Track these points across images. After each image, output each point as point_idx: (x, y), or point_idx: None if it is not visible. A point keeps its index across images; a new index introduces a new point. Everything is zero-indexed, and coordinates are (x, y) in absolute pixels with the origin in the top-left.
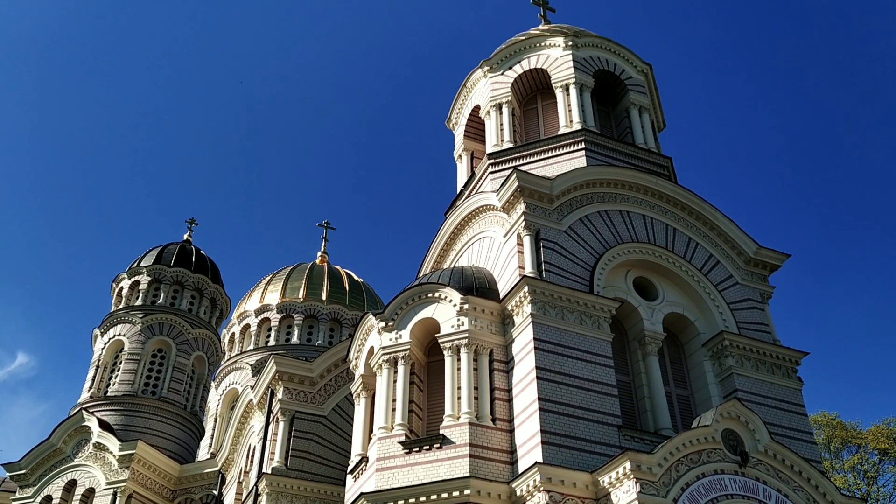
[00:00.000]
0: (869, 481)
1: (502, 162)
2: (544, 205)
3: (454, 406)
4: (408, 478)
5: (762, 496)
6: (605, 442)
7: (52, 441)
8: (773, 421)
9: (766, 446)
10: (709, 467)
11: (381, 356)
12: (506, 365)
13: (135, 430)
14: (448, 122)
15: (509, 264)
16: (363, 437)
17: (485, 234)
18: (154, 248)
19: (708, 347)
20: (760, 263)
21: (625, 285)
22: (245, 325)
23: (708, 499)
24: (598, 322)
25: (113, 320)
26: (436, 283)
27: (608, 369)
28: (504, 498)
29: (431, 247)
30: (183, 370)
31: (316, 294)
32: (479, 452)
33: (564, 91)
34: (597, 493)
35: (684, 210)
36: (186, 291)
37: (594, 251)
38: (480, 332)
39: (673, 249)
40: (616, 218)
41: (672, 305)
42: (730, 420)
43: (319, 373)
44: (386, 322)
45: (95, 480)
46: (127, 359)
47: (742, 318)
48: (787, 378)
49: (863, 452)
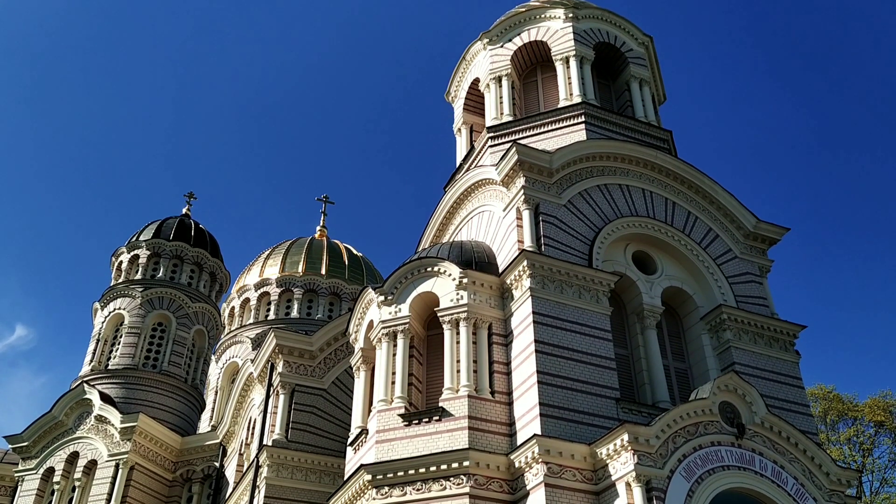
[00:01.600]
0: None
1: (502, 135)
2: (544, 179)
3: (453, 379)
4: (407, 449)
5: (758, 467)
6: (603, 414)
7: (53, 414)
8: (770, 394)
9: (763, 418)
10: (706, 439)
11: (381, 330)
12: (504, 338)
13: (136, 402)
14: (447, 95)
15: (508, 238)
16: (363, 409)
17: (484, 209)
18: (153, 223)
19: (706, 321)
20: (759, 237)
21: (624, 259)
22: (245, 299)
23: (704, 470)
24: (596, 296)
25: (113, 294)
26: (435, 257)
27: (607, 343)
28: (503, 469)
29: (430, 221)
30: (183, 344)
31: (315, 268)
32: (478, 425)
33: (564, 64)
34: (595, 464)
35: (684, 184)
36: (186, 265)
37: (593, 225)
38: (479, 306)
39: (672, 223)
40: (615, 192)
41: (671, 279)
42: (727, 393)
43: (319, 346)
44: (385, 296)
45: (97, 452)
46: (127, 332)
47: (740, 291)
48: (784, 351)
49: (859, 425)
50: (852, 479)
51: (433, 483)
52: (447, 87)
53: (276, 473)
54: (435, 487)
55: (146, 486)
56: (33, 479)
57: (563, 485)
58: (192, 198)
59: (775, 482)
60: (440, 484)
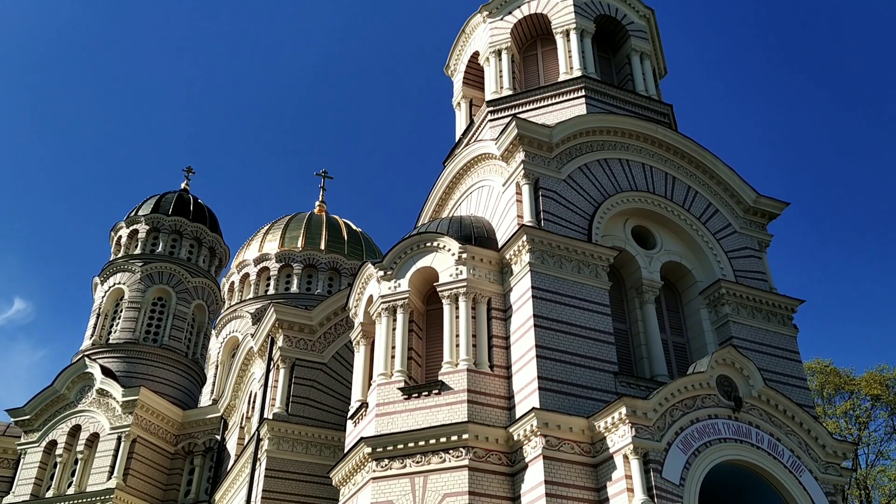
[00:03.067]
0: (861, 426)
1: (501, 109)
2: (543, 153)
3: (452, 353)
4: (407, 423)
5: (754, 440)
6: (601, 388)
7: (55, 387)
8: (768, 367)
9: (760, 392)
10: (703, 412)
11: (380, 304)
12: (504, 313)
13: (137, 376)
14: (447, 69)
15: (508, 213)
16: (363, 383)
17: (483, 183)
18: (151, 197)
19: (705, 295)
20: (759, 212)
21: (623, 234)
22: (244, 274)
23: (701, 442)
24: (595, 271)
25: (112, 269)
26: (434, 232)
27: (605, 317)
28: (501, 442)
29: (430, 196)
30: (183, 318)
31: (314, 243)
32: (477, 398)
33: (565, 37)
34: (593, 437)
35: (684, 158)
36: (185, 240)
37: (593, 200)
38: (479, 281)
39: (672, 198)
40: (615, 166)
41: (670, 254)
42: (725, 366)
43: (319, 321)
44: (385, 271)
45: (99, 425)
46: (127, 307)
47: (739, 266)
48: (782, 325)
49: (855, 398)
50: (848, 452)
51: (433, 455)
52: (446, 60)
53: (276, 446)
54: (434, 460)
55: (148, 459)
56: (36, 451)
57: (561, 457)
58: (190, 172)
59: (772, 454)
60: (439, 456)
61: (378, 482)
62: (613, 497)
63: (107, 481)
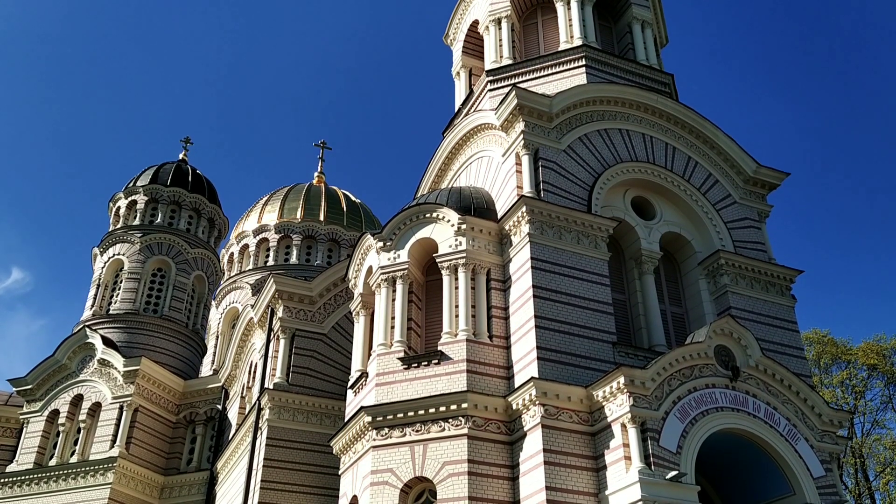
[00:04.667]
0: (857, 396)
1: (501, 79)
2: (543, 123)
3: (452, 324)
4: (407, 392)
5: (751, 409)
6: (599, 358)
7: (56, 357)
8: (766, 337)
9: (758, 361)
10: (700, 381)
11: (380, 275)
12: (503, 284)
13: (138, 346)
14: (446, 38)
15: (507, 184)
16: (363, 353)
17: (483, 154)
18: (150, 168)
19: (704, 266)
20: (759, 182)
21: (623, 205)
22: (243, 245)
23: (698, 411)
24: (595, 241)
25: (111, 240)
26: (433, 203)
27: (604, 288)
28: (500, 411)
29: (429, 167)
30: (183, 289)
31: (314, 214)
32: (477, 368)
33: (565, 5)
34: (591, 406)
35: (684, 128)
36: (184, 211)
37: (593, 170)
38: (478, 252)
39: (672, 168)
40: (615, 137)
41: (669, 225)
42: (723, 336)
43: (319, 292)
44: (384, 242)
45: (101, 395)
46: (127, 278)
47: (739, 236)
48: (780, 295)
49: (852, 368)
50: (844, 421)
51: (432, 424)
52: (445, 29)
53: (277, 416)
54: (434, 429)
55: (150, 428)
56: (38, 420)
57: (559, 426)
58: (188, 143)
59: (768, 423)
60: (439, 425)
61: (378, 450)
62: (611, 465)
63: (109, 450)
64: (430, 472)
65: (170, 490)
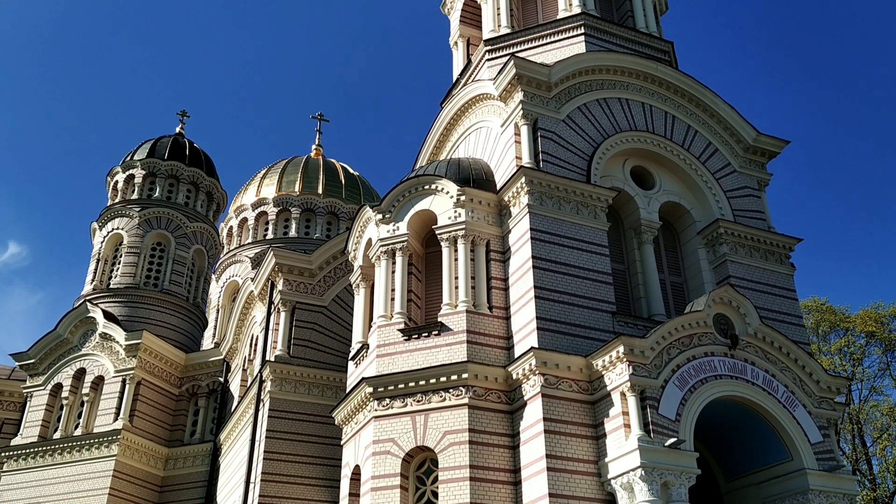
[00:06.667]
0: (855, 363)
1: (499, 49)
2: (542, 93)
3: (451, 295)
4: (407, 363)
5: (750, 376)
6: (599, 328)
7: (58, 332)
8: (765, 305)
9: (756, 329)
10: (699, 350)
11: (379, 248)
12: (502, 255)
13: (139, 320)
14: (443, 7)
15: (506, 155)
16: (363, 325)
17: (482, 125)
18: (147, 141)
19: (703, 235)
20: (759, 150)
21: (622, 174)
22: (242, 218)
23: (697, 379)
24: (594, 212)
25: (110, 214)
26: (432, 174)
27: (604, 258)
28: (501, 381)
29: (427, 138)
30: (183, 263)
31: (312, 187)
32: (477, 339)
33: None
34: (590, 375)
35: (684, 97)
36: (182, 185)
37: (592, 140)
38: (477, 224)
39: (671, 138)
40: (615, 106)
41: (668, 194)
42: (721, 305)
43: (318, 265)
44: (383, 214)
45: (104, 369)
46: (127, 252)
47: (738, 205)
48: (779, 264)
49: (850, 336)
50: (842, 387)
51: (433, 394)
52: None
53: (279, 388)
54: (435, 399)
55: (153, 401)
56: (42, 394)
57: (559, 395)
58: (184, 116)
59: (766, 390)
60: (440, 395)
61: (380, 420)
62: (611, 433)
63: (113, 422)
64: (432, 442)
65: (174, 461)
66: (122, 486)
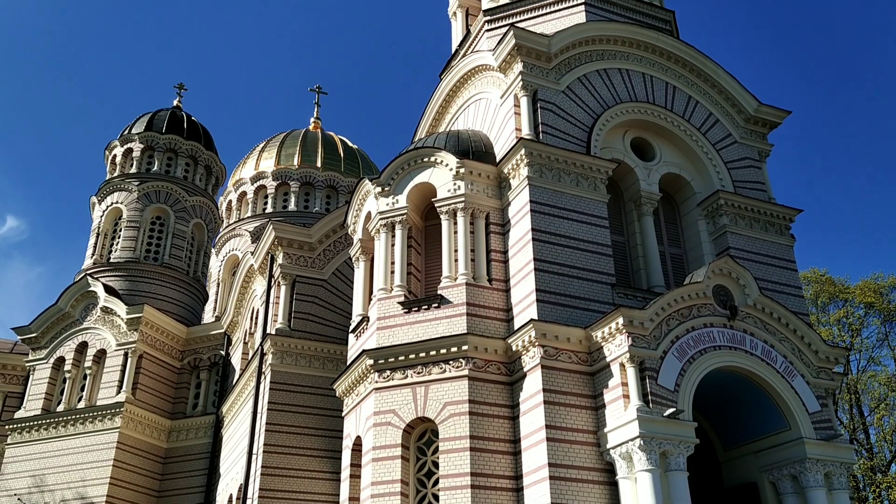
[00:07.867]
0: (853, 333)
1: (499, 19)
2: (542, 64)
3: (451, 268)
4: (408, 335)
5: (748, 347)
6: (598, 299)
7: (59, 306)
8: (764, 277)
9: (756, 300)
10: (698, 321)
11: (379, 221)
12: (502, 227)
13: (140, 294)
14: None
15: (506, 126)
16: (363, 298)
17: (481, 96)
18: (144, 115)
19: (703, 206)
20: (760, 121)
21: (622, 146)
22: (241, 192)
23: (696, 350)
24: (594, 183)
25: (109, 188)
26: (431, 147)
27: (603, 230)
28: (500, 353)
29: (426, 110)
30: (183, 237)
31: (311, 161)
32: (476, 311)
33: None
34: (590, 347)
35: (685, 67)
36: (180, 159)
37: (592, 112)
38: (477, 196)
39: (672, 108)
40: (615, 77)
41: (669, 165)
42: (721, 276)
43: (318, 238)
44: (382, 187)
45: (106, 342)
46: (126, 226)
47: (738, 176)
48: (779, 235)
49: (849, 306)
50: (840, 357)
51: (433, 366)
52: None
53: (280, 360)
54: (435, 370)
55: (155, 374)
56: (44, 368)
57: (559, 367)
58: (182, 89)
59: (765, 360)
60: (440, 367)
61: (381, 392)
62: (610, 403)
63: (116, 395)
64: (432, 413)
65: (177, 433)
66: (125, 458)
